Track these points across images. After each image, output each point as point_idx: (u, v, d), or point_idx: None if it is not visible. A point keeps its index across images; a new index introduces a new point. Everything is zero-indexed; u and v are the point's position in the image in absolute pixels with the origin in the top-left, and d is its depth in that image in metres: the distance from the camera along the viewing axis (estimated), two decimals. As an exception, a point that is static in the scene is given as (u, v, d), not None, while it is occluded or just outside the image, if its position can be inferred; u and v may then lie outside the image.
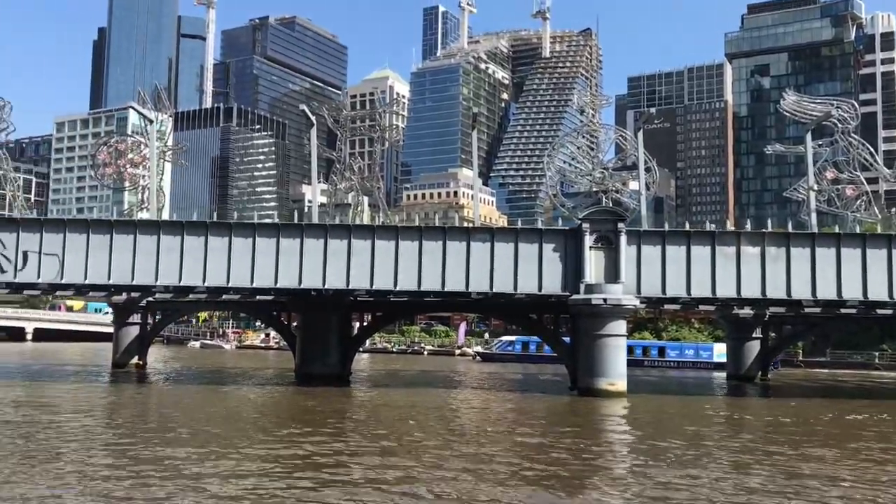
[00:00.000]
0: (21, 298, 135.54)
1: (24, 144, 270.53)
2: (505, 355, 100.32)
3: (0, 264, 50.36)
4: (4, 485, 20.35)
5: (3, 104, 60.19)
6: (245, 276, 51.07)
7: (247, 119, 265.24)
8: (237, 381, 60.82)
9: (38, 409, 38.62)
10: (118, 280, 51.53)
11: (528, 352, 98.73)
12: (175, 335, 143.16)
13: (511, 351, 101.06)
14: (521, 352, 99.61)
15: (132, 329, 72.27)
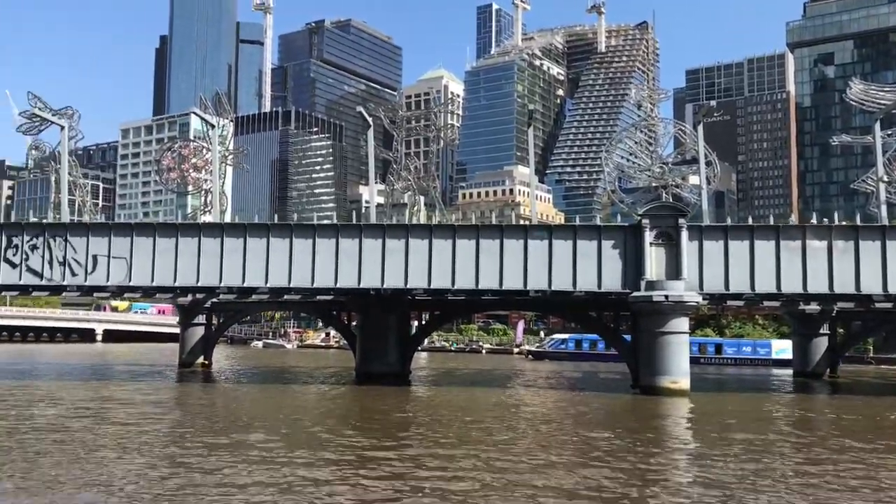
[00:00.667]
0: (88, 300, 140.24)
1: (92, 151, 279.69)
2: (557, 353, 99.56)
3: (71, 268, 52.08)
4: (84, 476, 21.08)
5: (73, 113, 62.07)
6: (306, 276, 51.78)
7: (304, 122, 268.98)
8: (299, 380, 61.73)
9: (110, 406, 39.83)
10: (184, 282, 52.76)
11: (581, 350, 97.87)
12: (238, 335, 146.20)
13: (563, 349, 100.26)
14: (574, 350, 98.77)
15: (198, 330, 73.94)
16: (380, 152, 68.86)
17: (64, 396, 45.39)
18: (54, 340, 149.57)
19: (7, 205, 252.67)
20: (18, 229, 53.04)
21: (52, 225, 53.87)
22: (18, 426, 31.83)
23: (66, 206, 59.24)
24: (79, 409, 38.66)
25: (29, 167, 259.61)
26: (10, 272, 52.16)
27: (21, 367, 72.43)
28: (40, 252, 52.01)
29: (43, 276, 52.07)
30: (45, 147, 72.55)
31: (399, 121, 67.59)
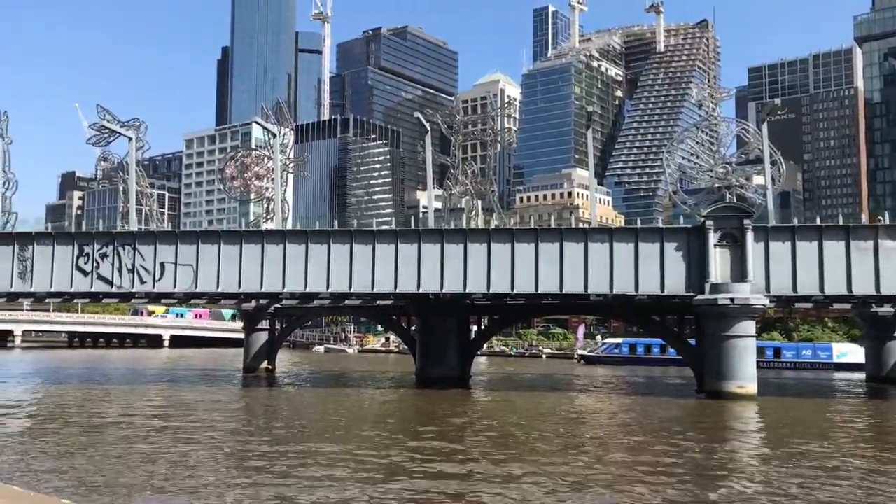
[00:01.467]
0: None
1: (157, 161, 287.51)
2: (611, 358, 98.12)
3: (140, 275, 53.60)
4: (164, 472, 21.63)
5: (140, 124, 63.88)
6: (366, 281, 52.26)
7: (362, 129, 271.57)
8: (360, 385, 62.27)
9: (184, 411, 40.82)
10: (248, 288, 53.78)
11: (636, 354, 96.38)
12: (300, 340, 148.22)
13: (617, 353, 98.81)
14: (628, 354, 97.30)
15: (261, 335, 75.23)
16: (437, 157, 69.11)
17: (137, 400, 46.69)
18: (123, 346, 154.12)
19: (77, 214, 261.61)
20: (89, 238, 54.85)
21: (121, 234, 55.51)
22: (92, 428, 32.86)
23: (135, 215, 61.03)
24: (155, 413, 39.71)
25: (98, 178, 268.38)
26: (81, 280, 53.98)
27: (94, 372, 74.80)
28: (110, 260, 53.68)
29: (113, 283, 53.71)
30: (114, 158, 74.90)
31: (456, 125, 67.68)
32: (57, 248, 54.25)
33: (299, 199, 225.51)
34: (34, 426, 34.52)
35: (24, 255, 54.13)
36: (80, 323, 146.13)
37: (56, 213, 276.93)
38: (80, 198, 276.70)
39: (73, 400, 46.88)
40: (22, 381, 61.33)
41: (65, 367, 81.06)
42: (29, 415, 39.48)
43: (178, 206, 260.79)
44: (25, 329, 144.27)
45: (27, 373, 70.69)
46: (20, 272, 54.10)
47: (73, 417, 37.48)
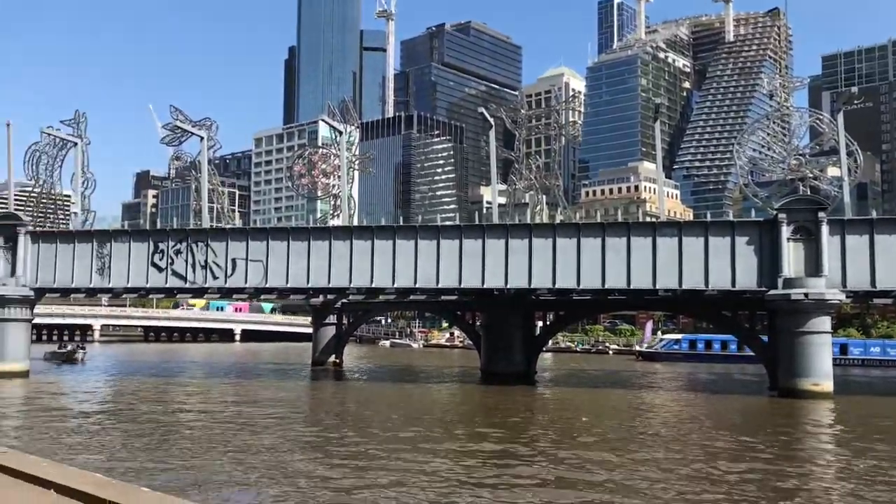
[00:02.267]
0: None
1: (228, 160, 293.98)
2: (669, 354, 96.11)
3: (212, 271, 54.99)
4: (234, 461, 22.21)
5: (211, 124, 65.52)
6: (431, 276, 52.49)
7: (426, 125, 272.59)
8: (426, 379, 62.67)
9: (255, 403, 41.79)
10: (316, 283, 54.62)
11: (696, 350, 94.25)
12: (367, 335, 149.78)
13: (676, 350, 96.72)
14: (688, 350, 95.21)
15: (329, 329, 76.35)
16: (501, 152, 68.87)
17: (212, 392, 48.02)
18: (196, 340, 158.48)
19: (152, 212, 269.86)
20: (163, 236, 56.56)
21: (195, 231, 57.01)
22: (171, 418, 33.92)
23: (207, 212, 62.68)
24: (230, 404, 40.77)
25: (171, 177, 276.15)
26: (156, 276, 55.67)
27: (172, 365, 77.17)
28: (184, 256, 55.21)
29: (186, 278, 55.24)
30: (186, 157, 76.87)
31: (520, 120, 67.27)
32: (133, 245, 56.07)
33: (365, 196, 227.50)
34: (115, 416, 35.81)
35: (102, 252, 56.13)
36: (155, 318, 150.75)
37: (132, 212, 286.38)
38: (155, 196, 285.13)
39: (152, 391, 48.49)
40: (104, 374, 63.64)
41: (143, 360, 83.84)
42: (110, 406, 40.97)
43: (248, 204, 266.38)
44: (104, 324, 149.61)
45: (108, 365, 73.30)
46: (98, 268, 56.14)
47: (153, 408, 38.76)
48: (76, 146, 63.92)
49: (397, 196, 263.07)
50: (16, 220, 57.23)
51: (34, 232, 57.66)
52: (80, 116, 64.77)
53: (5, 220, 57.30)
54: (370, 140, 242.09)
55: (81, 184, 63.81)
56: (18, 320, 55.14)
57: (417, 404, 43.82)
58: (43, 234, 58.19)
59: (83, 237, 57.11)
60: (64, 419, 34.14)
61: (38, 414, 35.88)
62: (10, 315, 54.69)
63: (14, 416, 35.85)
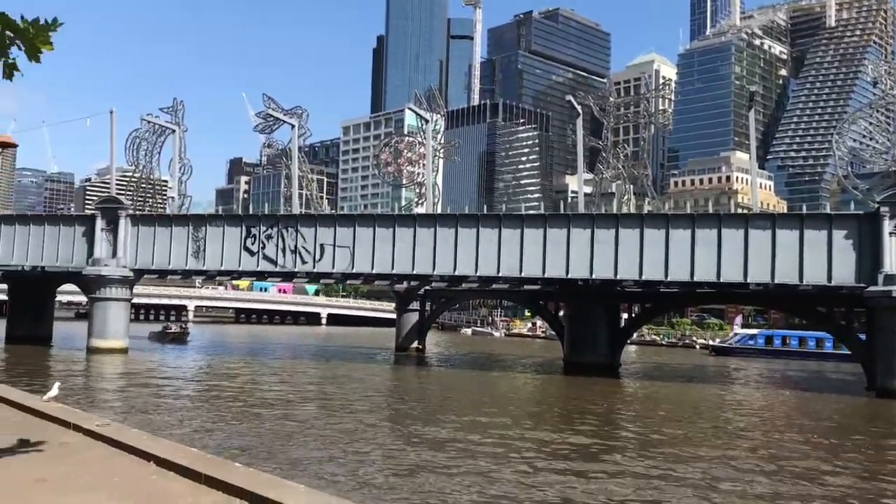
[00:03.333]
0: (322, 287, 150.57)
1: (317, 148, 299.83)
2: (744, 350, 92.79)
3: (301, 256, 56.31)
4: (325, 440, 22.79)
5: (302, 112, 66.97)
6: (514, 265, 52.35)
7: (512, 113, 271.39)
8: (508, 367, 62.68)
9: (342, 385, 42.70)
10: (400, 269, 55.26)
11: (772, 346, 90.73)
12: (449, 322, 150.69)
13: (752, 345, 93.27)
14: (765, 346, 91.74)
15: (412, 316, 77.15)
16: (588, 141, 67.88)
17: (303, 373, 49.31)
18: (284, 322, 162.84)
19: (244, 198, 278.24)
20: (256, 221, 58.27)
21: (285, 216, 58.48)
22: (262, 396, 35.02)
23: (297, 198, 64.19)
24: (319, 385, 41.82)
25: (263, 164, 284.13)
26: (248, 259, 57.40)
27: (261, 346, 79.59)
28: (274, 241, 56.72)
29: (277, 262, 56.75)
30: (277, 145, 78.82)
31: (608, 108, 66.21)
32: (227, 230, 57.92)
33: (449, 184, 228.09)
34: (208, 394, 37.19)
35: (197, 235, 58.23)
36: (246, 300, 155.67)
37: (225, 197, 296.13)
38: (247, 182, 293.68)
39: (244, 370, 50.18)
40: (198, 353, 66.14)
41: (235, 340, 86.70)
42: (204, 383, 42.59)
43: (336, 191, 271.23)
44: (198, 304, 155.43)
45: (202, 345, 76.08)
46: (194, 251, 58.26)
47: (245, 386, 40.08)
48: (174, 133, 66.41)
49: (481, 184, 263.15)
50: (117, 203, 59.95)
51: (134, 215, 60.28)
52: (178, 104, 67.24)
53: (108, 204, 60.12)
54: (455, 128, 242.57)
55: (179, 169, 66.34)
56: (119, 300, 57.76)
57: (500, 392, 43.88)
58: (142, 217, 60.79)
59: (180, 221, 59.37)
60: (160, 395, 35.67)
61: (137, 389, 37.59)
62: (112, 294, 57.34)
63: (114, 391, 37.67)
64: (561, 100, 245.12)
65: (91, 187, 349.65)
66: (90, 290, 58.46)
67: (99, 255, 58.10)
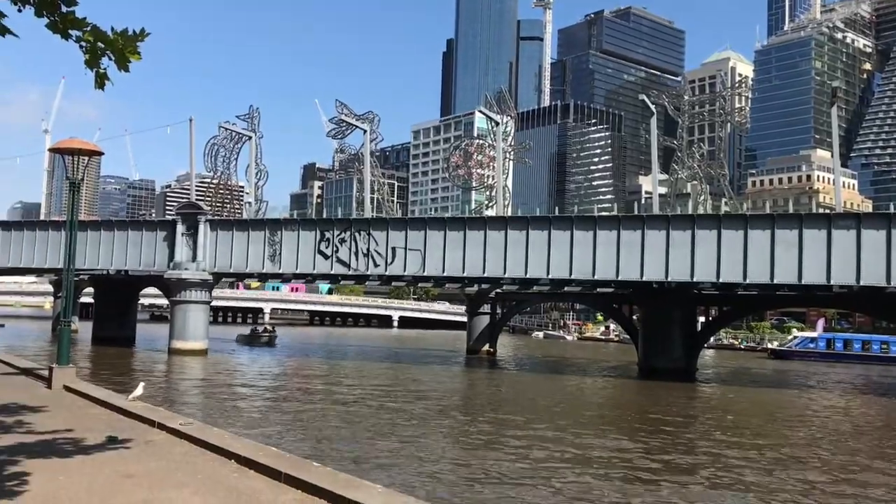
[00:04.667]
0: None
1: (388, 152, 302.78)
2: (805, 353, 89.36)
3: (374, 259, 56.94)
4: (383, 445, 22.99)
5: (373, 117, 67.90)
6: (587, 267, 51.75)
7: (583, 114, 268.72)
8: (581, 372, 62.02)
9: (411, 389, 43.00)
10: (471, 273, 55.27)
11: (833, 349, 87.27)
12: (520, 325, 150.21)
13: (812, 349, 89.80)
14: (825, 349, 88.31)
15: (483, 319, 77.10)
16: (662, 140, 66.74)
17: (378, 375, 49.88)
18: (357, 325, 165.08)
19: (318, 202, 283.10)
20: (329, 225, 59.16)
21: (357, 220, 59.25)
22: (338, 397, 35.56)
23: (369, 202, 64.99)
24: (394, 387, 42.24)
25: (335, 169, 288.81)
26: (322, 263, 58.38)
27: (336, 348, 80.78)
28: (347, 245, 57.52)
29: (350, 266, 57.52)
30: (349, 150, 79.98)
31: (683, 107, 64.94)
32: (301, 234, 59.01)
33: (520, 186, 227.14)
34: (286, 395, 37.93)
35: (273, 239, 59.49)
36: (320, 303, 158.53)
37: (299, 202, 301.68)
38: (320, 187, 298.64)
39: (320, 372, 51.04)
40: (275, 355, 67.58)
41: (310, 342, 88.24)
42: (282, 384, 43.47)
43: (406, 195, 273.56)
44: (273, 307, 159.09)
45: (279, 348, 77.63)
46: (270, 255, 59.54)
47: (321, 388, 40.76)
48: (250, 140, 68.12)
49: (552, 186, 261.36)
50: (197, 209, 61.78)
51: (212, 220, 62.01)
52: (254, 112, 68.97)
53: (188, 210, 62.00)
54: (526, 130, 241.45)
55: (255, 175, 68.01)
56: (199, 302, 59.47)
57: (574, 396, 43.43)
58: (220, 222, 62.49)
59: (256, 225, 60.79)
60: (240, 395, 36.57)
61: (217, 390, 38.63)
62: (192, 297, 59.05)
63: (195, 391, 38.80)
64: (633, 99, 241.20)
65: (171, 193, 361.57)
66: (171, 292, 60.39)
67: (179, 258, 59.95)
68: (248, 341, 77.57)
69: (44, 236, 64.98)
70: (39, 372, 22.83)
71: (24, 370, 24.04)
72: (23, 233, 65.87)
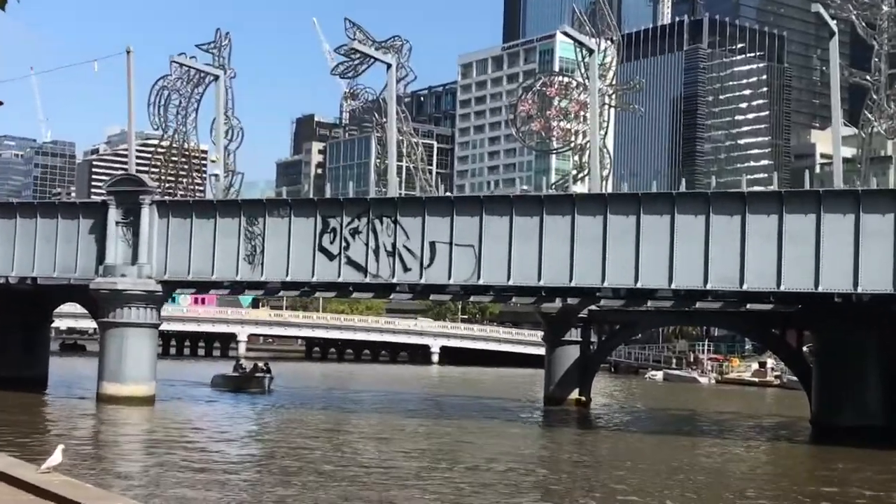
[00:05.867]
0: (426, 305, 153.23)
1: (423, 97, 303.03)
2: None
3: (403, 260, 56.85)
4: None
5: (401, 44, 67.66)
6: (730, 272, 51.12)
7: (723, 35, 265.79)
8: (723, 434, 61.39)
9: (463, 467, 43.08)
10: (550, 280, 54.95)
11: None
12: (626, 361, 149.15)
13: None
14: None
15: (570, 351, 76.48)
16: (848, 75, 65.64)
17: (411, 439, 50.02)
18: (378, 359, 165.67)
19: (317, 174, 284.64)
20: (336, 208, 59.31)
21: (378, 201, 59.36)
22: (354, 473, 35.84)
23: (395, 174, 64.85)
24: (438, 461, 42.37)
25: (343, 123, 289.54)
26: (326, 266, 58.47)
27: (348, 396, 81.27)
28: (363, 238, 57.56)
29: (367, 270, 57.54)
30: (365, 94, 79.84)
31: (881, 22, 63.64)
32: (294, 222, 59.09)
33: (625, 147, 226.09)
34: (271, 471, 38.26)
35: (252, 230, 59.80)
36: (323, 326, 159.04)
37: (289, 173, 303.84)
38: (321, 151, 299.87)
39: (325, 430, 51.41)
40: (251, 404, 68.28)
41: (308, 385, 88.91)
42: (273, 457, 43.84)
43: (451, 160, 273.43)
44: (252, 333, 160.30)
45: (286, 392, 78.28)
46: (247, 254, 59.83)
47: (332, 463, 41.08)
48: (217, 80, 68.70)
49: (675, 147, 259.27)
50: (138, 185, 62.30)
51: (162, 202, 62.64)
52: (223, 38, 69.40)
53: (124, 186, 62.71)
54: (634, 61, 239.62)
55: (224, 134, 68.57)
56: (142, 325, 60.31)
57: (718, 480, 42.75)
58: (173, 204, 63.09)
59: (226, 209, 61.18)
60: (199, 464, 36.96)
61: (167, 456, 39.08)
62: (132, 318, 59.66)
63: (137, 457, 39.44)
64: (801, 12, 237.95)
65: (99, 162, 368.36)
66: (100, 310, 61.23)
67: (113, 260, 60.66)
68: (232, 385, 77.25)
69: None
70: None
71: None
72: None
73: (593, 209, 54.30)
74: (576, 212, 54.38)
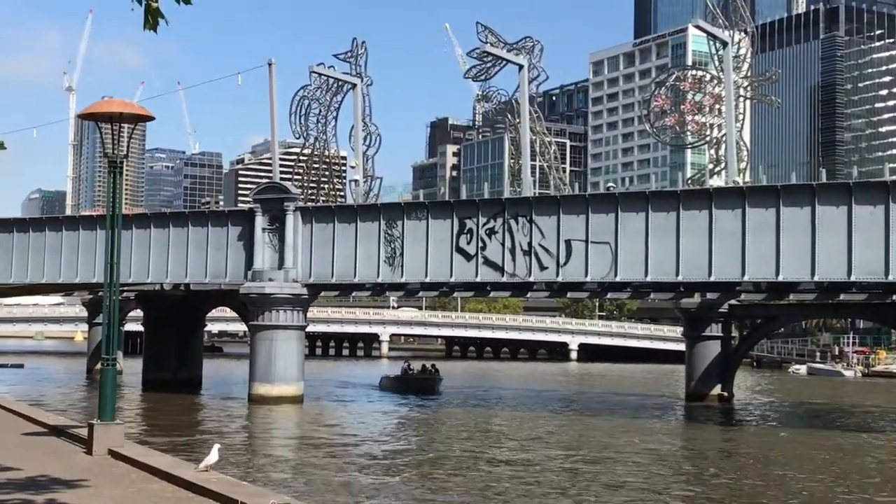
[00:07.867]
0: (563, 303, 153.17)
1: (555, 97, 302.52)
2: None
3: (539, 259, 56.91)
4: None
5: (533, 45, 67.74)
6: (874, 264, 49.76)
7: (861, 22, 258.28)
8: (871, 429, 59.63)
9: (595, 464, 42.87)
10: (688, 275, 54.30)
11: None
12: (768, 355, 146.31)
13: None
14: None
15: (710, 346, 75.39)
16: None
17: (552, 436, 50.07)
18: (516, 357, 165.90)
19: (452, 176, 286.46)
20: (472, 209, 59.66)
21: (513, 201, 59.48)
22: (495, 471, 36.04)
23: (529, 173, 65.05)
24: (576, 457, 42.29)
25: (477, 126, 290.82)
26: (463, 266, 58.86)
27: (492, 391, 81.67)
28: (499, 238, 57.81)
29: (504, 270, 57.78)
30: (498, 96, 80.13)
31: None
32: (432, 224, 59.69)
33: (762, 139, 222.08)
34: (414, 464, 38.69)
35: (391, 233, 60.62)
36: (462, 325, 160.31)
37: (425, 176, 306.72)
38: (455, 153, 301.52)
39: (463, 424, 51.72)
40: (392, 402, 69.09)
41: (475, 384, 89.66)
42: (415, 451, 44.34)
43: (584, 159, 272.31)
44: (393, 333, 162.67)
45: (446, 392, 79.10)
46: (388, 256, 60.64)
47: (471, 457, 41.31)
48: (355, 89, 69.82)
49: (813, 137, 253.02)
50: (283, 192, 63.60)
51: (305, 208, 63.85)
52: (359, 48, 70.49)
53: (269, 194, 64.00)
54: (769, 52, 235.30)
55: (363, 140, 69.63)
56: (290, 327, 61.46)
57: (872, 481, 41.43)
58: (316, 210, 64.30)
59: (367, 213, 62.09)
60: (348, 462, 37.62)
61: (317, 453, 39.92)
62: (280, 321, 60.89)
63: (291, 455, 40.26)
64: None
65: (245, 171, 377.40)
66: (250, 314, 62.77)
67: (260, 265, 62.15)
68: (401, 387, 77.58)
69: (72, 239, 68.92)
70: (75, 431, 24.36)
71: (54, 428, 25.74)
72: (43, 234, 70.02)
73: (731, 203, 53.55)
74: (713, 206, 53.69)
